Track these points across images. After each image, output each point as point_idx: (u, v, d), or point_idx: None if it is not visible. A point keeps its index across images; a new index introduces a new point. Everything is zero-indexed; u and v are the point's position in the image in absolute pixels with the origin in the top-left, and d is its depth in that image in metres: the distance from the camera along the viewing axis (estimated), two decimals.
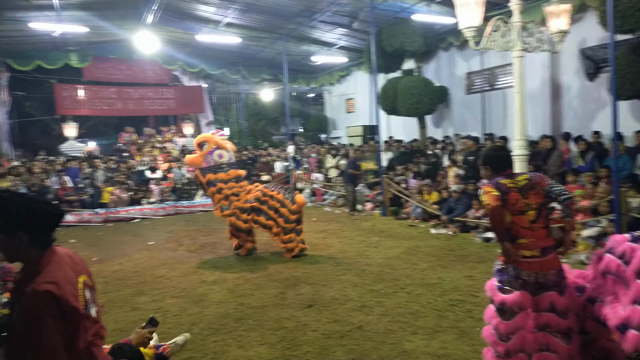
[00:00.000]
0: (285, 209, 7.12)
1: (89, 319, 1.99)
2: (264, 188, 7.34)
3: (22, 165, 13.13)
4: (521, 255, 3.02)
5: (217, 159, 7.12)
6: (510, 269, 3.07)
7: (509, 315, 3.02)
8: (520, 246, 3.04)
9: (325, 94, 21.35)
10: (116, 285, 6.03)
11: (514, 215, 3.06)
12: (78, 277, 2.00)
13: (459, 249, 7.31)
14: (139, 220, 11.84)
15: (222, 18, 13.92)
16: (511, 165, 3.37)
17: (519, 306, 2.99)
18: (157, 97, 18.47)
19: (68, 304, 1.84)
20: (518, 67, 7.08)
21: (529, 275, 3.01)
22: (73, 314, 1.86)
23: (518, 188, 3.08)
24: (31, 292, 1.81)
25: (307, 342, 4.10)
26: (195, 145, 7.25)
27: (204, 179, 7.11)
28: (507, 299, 3.02)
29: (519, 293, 3.00)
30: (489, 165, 3.28)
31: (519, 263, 3.03)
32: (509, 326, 3.01)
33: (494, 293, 3.13)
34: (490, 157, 3.31)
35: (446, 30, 12.90)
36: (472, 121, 13.08)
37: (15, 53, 15.42)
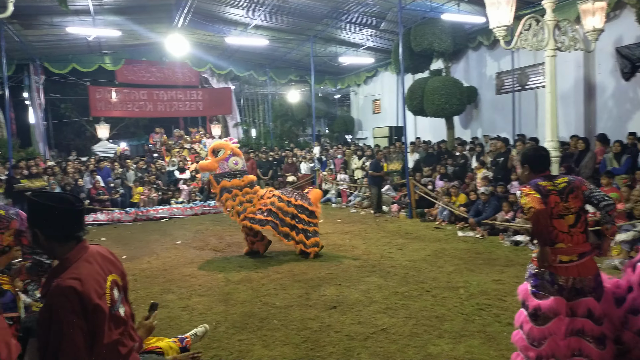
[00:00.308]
0: (304, 215, 7.17)
1: (114, 318, 2.01)
2: (280, 194, 7.34)
3: (56, 165, 13.59)
4: (558, 260, 2.94)
5: (233, 166, 7.11)
6: (546, 274, 2.97)
7: (543, 321, 2.93)
8: (559, 251, 2.95)
9: (352, 95, 21.32)
10: (144, 283, 6.15)
11: (553, 219, 2.97)
12: (107, 276, 2.03)
13: (486, 252, 7.16)
14: (167, 219, 12.07)
15: (250, 20, 14.07)
16: (550, 166, 3.27)
17: (553, 312, 2.91)
18: (186, 98, 18.81)
19: (91, 301, 1.87)
20: (550, 66, 6.88)
21: (566, 281, 2.92)
22: (95, 311, 1.89)
23: (558, 191, 2.97)
24: (55, 287, 1.86)
25: (331, 343, 4.09)
26: (209, 151, 7.24)
27: (218, 186, 7.04)
28: (542, 304, 2.94)
29: (554, 299, 2.91)
30: (528, 164, 3.18)
31: (555, 268, 2.94)
32: (542, 331, 2.93)
33: (528, 298, 3.04)
34: (530, 156, 3.20)
35: (476, 30, 12.71)
36: (502, 122, 12.82)
37: (52, 56, 16.01)
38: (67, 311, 1.82)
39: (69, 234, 1.98)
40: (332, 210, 12.58)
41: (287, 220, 7.09)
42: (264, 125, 21.80)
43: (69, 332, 1.81)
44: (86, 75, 17.33)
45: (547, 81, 6.98)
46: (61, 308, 1.82)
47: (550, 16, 6.74)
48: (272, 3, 12.44)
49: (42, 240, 1.94)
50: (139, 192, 13.03)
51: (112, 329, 1.98)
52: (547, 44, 6.80)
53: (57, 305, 1.83)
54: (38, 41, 14.41)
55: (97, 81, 18.02)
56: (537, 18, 6.78)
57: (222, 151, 7.09)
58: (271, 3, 12.44)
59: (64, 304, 1.83)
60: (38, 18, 12.57)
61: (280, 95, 23.52)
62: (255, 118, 23.17)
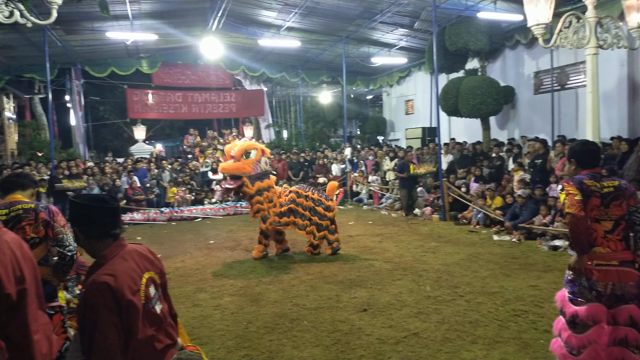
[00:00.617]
0: (321, 207, 7.29)
1: (150, 315, 2.04)
2: (298, 189, 7.43)
3: (95, 166, 14.05)
4: (595, 264, 2.80)
5: (265, 167, 7.11)
6: (584, 280, 2.85)
7: (581, 328, 2.82)
8: (597, 255, 2.82)
9: (384, 96, 21.17)
10: (178, 282, 6.27)
11: (592, 222, 2.84)
12: (143, 273, 2.07)
13: (523, 257, 6.95)
14: (200, 219, 12.28)
15: (283, 22, 14.16)
16: (599, 162, 3.09)
17: (592, 319, 2.79)
18: (220, 100, 19.11)
19: (124, 297, 1.91)
20: (592, 65, 6.64)
21: (605, 287, 2.79)
22: (129, 307, 1.93)
23: (601, 194, 2.83)
24: (90, 283, 1.91)
25: (362, 346, 4.05)
26: (237, 153, 6.93)
27: (252, 188, 6.91)
28: (580, 311, 2.83)
29: (592, 305, 2.80)
30: (575, 159, 3.04)
31: (592, 273, 2.81)
32: (581, 339, 2.81)
33: (565, 304, 2.94)
34: (578, 150, 3.06)
35: (513, 28, 12.41)
36: (540, 123, 12.45)
37: (92, 60, 16.59)
38: (101, 306, 1.86)
39: (104, 231, 2.04)
40: (363, 212, 12.50)
41: (307, 214, 7.24)
42: (296, 126, 21.92)
43: (102, 327, 1.85)
44: (124, 79, 17.91)
45: (588, 80, 6.75)
46: (95, 303, 1.87)
47: (591, 13, 6.50)
48: (305, 5, 12.48)
49: (81, 238, 2.02)
50: (174, 192, 13.31)
51: (147, 325, 2.01)
52: (589, 42, 6.56)
53: (91, 300, 1.88)
54: (79, 46, 14.96)
55: (134, 84, 18.57)
56: (577, 15, 6.55)
57: (254, 152, 7.03)
58: (304, 5, 12.48)
59: (97, 300, 1.87)
60: (80, 24, 13.04)
61: (312, 97, 23.59)
62: (287, 119, 23.33)
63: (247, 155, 6.98)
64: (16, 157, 17.49)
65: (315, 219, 7.26)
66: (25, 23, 5.37)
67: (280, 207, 7.21)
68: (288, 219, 7.23)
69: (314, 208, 7.29)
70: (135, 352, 1.95)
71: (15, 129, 18.95)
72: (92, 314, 1.86)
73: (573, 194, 2.79)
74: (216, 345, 4.19)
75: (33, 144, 17.85)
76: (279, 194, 7.33)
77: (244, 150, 6.99)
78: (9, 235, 2.12)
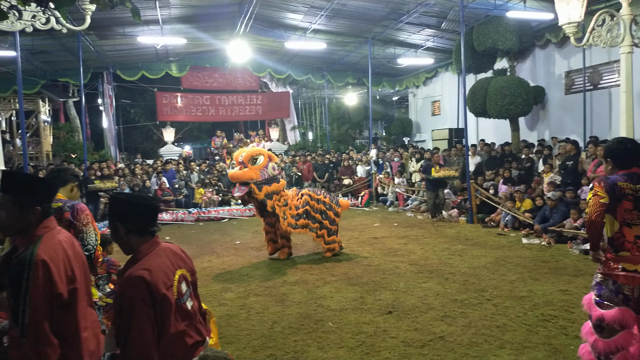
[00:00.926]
0: (332, 212, 7.38)
1: (181, 310, 2.13)
2: (310, 192, 7.49)
3: (126, 167, 14.42)
4: (621, 268, 2.72)
5: (272, 172, 7.12)
6: (610, 283, 2.79)
7: (608, 333, 2.74)
8: (622, 259, 2.74)
9: (410, 97, 21.00)
10: (205, 281, 6.36)
11: (623, 226, 2.75)
12: (176, 270, 2.16)
13: (553, 261, 6.78)
14: (227, 220, 12.44)
15: (309, 25, 14.23)
16: (638, 162, 2.94)
17: (619, 323, 2.71)
18: (246, 103, 19.34)
19: (158, 291, 1.99)
20: (626, 64, 6.45)
21: (632, 291, 2.71)
22: (163, 301, 2.00)
23: (635, 197, 2.73)
24: (127, 277, 1.99)
25: (387, 348, 4.03)
26: (245, 159, 6.92)
27: (260, 193, 6.90)
28: (606, 315, 2.75)
29: (620, 309, 2.72)
30: (611, 158, 2.95)
31: (619, 277, 2.74)
32: (608, 344, 2.73)
33: (592, 308, 2.88)
34: (614, 149, 2.94)
35: (543, 27, 12.14)
36: (572, 123, 12.14)
37: (123, 64, 17.07)
38: (137, 300, 1.94)
39: (144, 228, 2.13)
40: (389, 214, 12.43)
41: (318, 217, 7.31)
42: (321, 128, 21.97)
43: (137, 319, 1.93)
44: (154, 82, 18.33)
45: (622, 79, 6.55)
46: (131, 297, 1.95)
47: (626, 10, 6.32)
48: (331, 7, 12.52)
49: (122, 233, 2.08)
50: (201, 193, 13.53)
51: (179, 320, 2.09)
52: (623, 40, 6.38)
53: (127, 293, 1.96)
54: (111, 50, 15.40)
55: (163, 87, 18.98)
56: (611, 13, 6.38)
57: (260, 158, 7.00)
58: (330, 7, 12.51)
59: (134, 293, 1.95)
60: (112, 29, 13.43)
61: (338, 98, 23.61)
62: (312, 121, 23.41)
63: (254, 162, 6.96)
64: (51, 159, 18.12)
65: (326, 223, 7.34)
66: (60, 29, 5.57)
67: (295, 209, 7.26)
68: (305, 221, 7.27)
69: (325, 212, 7.36)
70: (167, 345, 2.02)
71: (50, 132, 19.64)
72: (128, 306, 1.94)
73: (600, 196, 2.72)
74: (242, 344, 4.24)
75: (67, 146, 18.47)
76: (292, 197, 7.36)
77: (250, 156, 6.99)
78: (62, 235, 2.24)
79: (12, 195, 2.07)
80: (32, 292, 1.96)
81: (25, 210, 2.08)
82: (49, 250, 2.05)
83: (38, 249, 2.02)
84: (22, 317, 1.96)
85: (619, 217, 2.74)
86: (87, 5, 5.66)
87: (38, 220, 2.12)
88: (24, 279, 1.96)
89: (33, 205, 2.09)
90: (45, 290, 1.99)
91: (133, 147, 26.70)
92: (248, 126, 25.13)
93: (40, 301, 1.98)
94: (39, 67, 15.40)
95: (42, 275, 1.98)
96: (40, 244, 2.05)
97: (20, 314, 1.96)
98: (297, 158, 16.06)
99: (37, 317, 1.97)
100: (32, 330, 1.96)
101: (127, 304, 1.94)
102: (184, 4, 12.50)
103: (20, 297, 1.96)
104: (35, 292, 1.96)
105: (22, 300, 1.95)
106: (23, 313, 1.95)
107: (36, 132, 18.67)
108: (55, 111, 21.37)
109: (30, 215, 2.09)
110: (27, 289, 1.96)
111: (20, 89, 7.72)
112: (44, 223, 2.14)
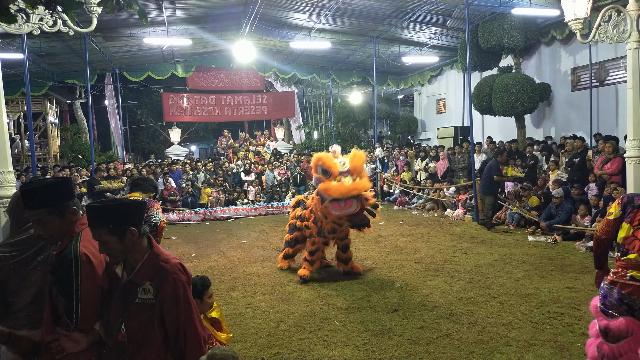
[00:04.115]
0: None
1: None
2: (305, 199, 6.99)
3: (134, 168, 14.50)
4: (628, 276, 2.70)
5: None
6: (615, 292, 2.75)
7: (613, 340, 2.74)
8: (631, 264, 2.70)
9: (415, 95, 20.95)
10: (212, 280, 6.37)
11: (637, 229, 2.72)
12: None
13: (559, 258, 6.76)
14: (233, 219, 12.49)
15: (314, 24, 14.24)
16: None
17: (625, 333, 2.70)
18: (252, 103, 19.38)
19: (190, 275, 2.10)
20: (633, 60, 6.40)
21: (635, 301, 2.68)
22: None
23: None
24: (170, 266, 2.02)
25: (392, 346, 4.05)
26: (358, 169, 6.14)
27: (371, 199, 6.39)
28: (612, 325, 2.74)
29: (625, 320, 2.70)
30: None
31: (623, 286, 2.71)
32: (612, 350, 2.74)
33: (598, 315, 2.88)
34: None
35: (549, 24, 12.06)
36: (578, 120, 12.07)
37: (129, 66, 17.17)
38: (188, 289, 2.02)
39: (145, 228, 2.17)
40: (394, 213, 12.43)
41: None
42: (326, 127, 21.97)
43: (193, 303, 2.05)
44: (160, 83, 18.42)
45: (629, 76, 6.51)
46: (183, 286, 2.01)
47: (633, 6, 6.27)
48: (336, 6, 12.52)
49: (135, 237, 2.02)
50: (207, 193, 13.59)
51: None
52: (630, 36, 6.33)
53: (179, 282, 2.01)
54: (117, 52, 15.49)
55: (169, 88, 19.06)
56: (618, 9, 6.34)
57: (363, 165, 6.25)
58: (335, 6, 12.52)
59: (184, 282, 2.02)
60: (118, 30, 13.50)
61: (343, 97, 23.59)
62: (318, 120, 23.41)
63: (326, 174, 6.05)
64: (58, 160, 18.26)
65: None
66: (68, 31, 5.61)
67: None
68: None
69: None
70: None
71: (57, 133, 19.80)
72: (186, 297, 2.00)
73: (609, 212, 2.86)
74: (248, 343, 4.27)
75: (74, 147, 18.61)
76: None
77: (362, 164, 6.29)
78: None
79: (44, 208, 2.07)
80: (82, 286, 2.00)
81: (63, 215, 2.11)
82: (89, 244, 2.08)
83: (80, 245, 2.07)
84: (76, 312, 2.00)
85: (634, 223, 2.73)
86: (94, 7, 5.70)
87: (77, 218, 2.17)
88: (73, 274, 2.00)
89: (68, 207, 2.13)
90: (93, 283, 2.04)
91: (140, 148, 26.86)
92: (253, 126, 25.20)
93: (90, 295, 2.02)
94: (46, 69, 15.53)
95: (89, 268, 2.03)
96: (80, 240, 2.10)
97: (74, 309, 2.00)
98: (302, 157, 16.08)
99: (88, 312, 2.02)
100: (83, 326, 2.02)
101: (184, 295, 1.99)
102: (190, 5, 12.55)
103: (72, 293, 2.00)
104: (85, 287, 2.01)
105: (75, 295, 1.99)
106: (77, 308, 2.00)
107: (44, 134, 18.83)
108: (62, 113, 21.53)
109: (71, 217, 2.14)
110: (77, 284, 2.00)
111: (27, 91, 7.78)
112: (80, 220, 2.18)
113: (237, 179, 14.99)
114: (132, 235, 1.99)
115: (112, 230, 1.95)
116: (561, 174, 9.73)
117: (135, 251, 2.05)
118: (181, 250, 8.54)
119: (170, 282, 1.98)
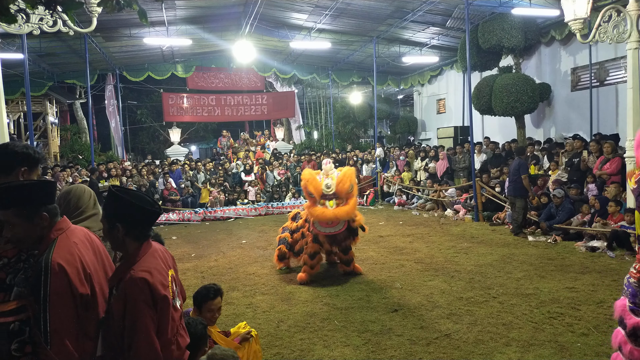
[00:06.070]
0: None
1: (175, 309, 2.13)
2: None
3: (133, 168, 14.50)
4: None
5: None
6: None
7: None
8: None
9: (415, 95, 20.96)
10: (211, 280, 6.40)
11: None
12: (168, 270, 2.16)
13: (559, 258, 6.76)
14: (233, 219, 12.50)
15: (314, 24, 14.24)
16: None
17: None
18: (252, 103, 19.38)
19: (159, 293, 1.97)
20: (633, 60, 6.42)
21: None
22: (163, 302, 1.99)
23: None
24: (129, 279, 1.96)
25: (392, 346, 4.05)
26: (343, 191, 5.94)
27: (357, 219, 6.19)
28: None
29: None
30: None
31: None
32: None
33: (625, 315, 2.71)
34: None
35: (549, 24, 12.08)
36: (578, 120, 12.07)
37: (129, 66, 17.16)
38: (140, 302, 1.93)
39: (144, 232, 2.10)
40: (394, 213, 12.43)
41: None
42: (326, 127, 21.97)
43: (142, 321, 1.92)
44: (160, 83, 18.41)
45: (629, 76, 6.52)
46: (135, 299, 1.93)
47: (633, 6, 6.29)
48: (336, 6, 12.52)
49: (120, 234, 2.01)
50: (208, 192, 13.59)
51: (174, 320, 2.10)
52: (630, 36, 6.35)
53: (131, 296, 1.94)
54: (117, 52, 15.49)
55: (169, 88, 19.06)
56: (618, 9, 6.35)
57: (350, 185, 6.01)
58: (335, 6, 12.52)
59: (138, 295, 1.93)
60: (118, 31, 13.50)
61: (343, 97, 23.60)
62: (318, 120, 23.41)
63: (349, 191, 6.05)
64: (58, 160, 18.26)
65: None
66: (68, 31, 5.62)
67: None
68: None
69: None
70: (165, 346, 2.01)
71: (57, 133, 19.81)
72: (133, 309, 1.92)
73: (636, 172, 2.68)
74: None
75: (74, 147, 18.61)
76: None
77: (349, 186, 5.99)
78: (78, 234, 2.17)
79: (12, 209, 1.96)
80: (51, 298, 1.89)
81: (32, 219, 1.99)
82: (64, 252, 1.99)
83: (53, 253, 1.96)
84: (44, 324, 1.90)
85: None
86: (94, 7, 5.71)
87: (50, 224, 2.04)
88: (42, 285, 1.90)
89: (38, 211, 1.99)
90: (65, 294, 1.92)
91: (140, 148, 26.86)
92: (253, 126, 25.20)
93: (60, 307, 1.92)
94: (46, 69, 15.53)
95: (60, 279, 1.92)
96: (54, 248, 1.99)
97: (42, 321, 1.90)
98: (302, 157, 16.09)
99: (57, 325, 1.91)
100: (54, 341, 1.90)
101: (131, 306, 1.92)
102: (190, 5, 12.55)
103: (40, 303, 1.90)
104: (55, 298, 1.90)
105: (42, 307, 1.90)
106: (44, 320, 1.90)
107: (44, 134, 18.85)
108: (62, 113, 21.54)
109: (40, 222, 2.01)
110: (45, 295, 1.89)
111: (27, 91, 7.79)
112: (56, 225, 2.06)
113: (237, 179, 15.00)
114: (41, 220, 1.97)
115: (17, 213, 1.92)
116: (561, 174, 9.74)
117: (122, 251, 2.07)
118: (181, 250, 8.55)
119: (121, 296, 1.95)
